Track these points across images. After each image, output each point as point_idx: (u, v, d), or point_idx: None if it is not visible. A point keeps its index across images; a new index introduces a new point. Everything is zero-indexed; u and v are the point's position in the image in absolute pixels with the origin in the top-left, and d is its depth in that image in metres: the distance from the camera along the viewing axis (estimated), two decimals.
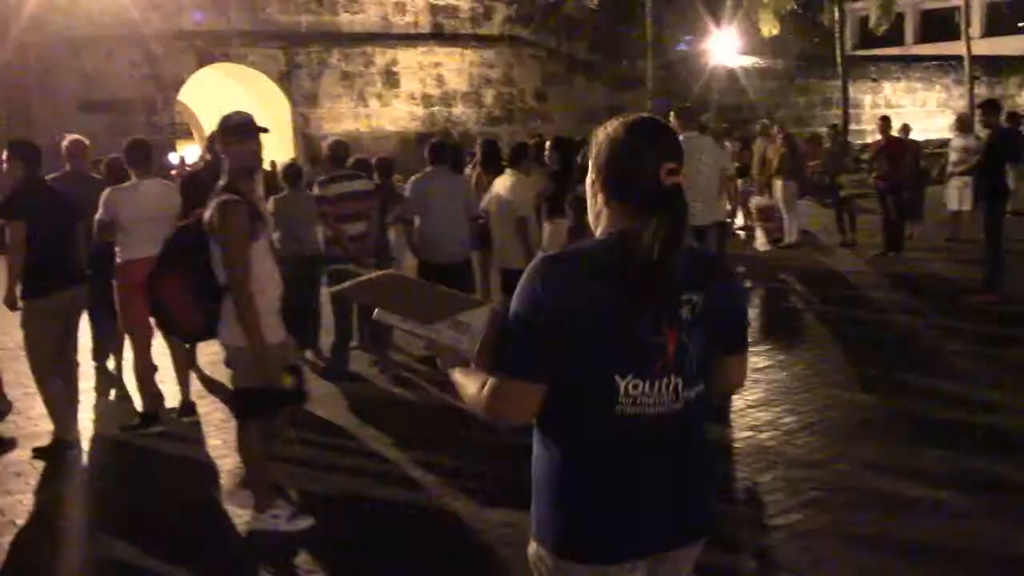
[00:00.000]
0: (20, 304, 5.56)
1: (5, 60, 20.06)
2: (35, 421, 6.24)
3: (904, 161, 11.73)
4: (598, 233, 1.98)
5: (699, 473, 2.02)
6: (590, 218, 2.03)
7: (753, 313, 9.12)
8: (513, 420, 1.91)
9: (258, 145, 4.10)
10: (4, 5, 20.28)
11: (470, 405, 1.97)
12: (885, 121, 12.09)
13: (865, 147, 25.86)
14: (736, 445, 5.44)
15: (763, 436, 5.54)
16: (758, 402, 6.21)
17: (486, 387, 1.89)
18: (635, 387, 1.86)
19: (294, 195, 7.62)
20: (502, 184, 7.08)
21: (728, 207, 11.19)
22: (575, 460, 1.91)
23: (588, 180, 2.00)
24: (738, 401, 6.23)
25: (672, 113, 8.03)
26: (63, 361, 5.81)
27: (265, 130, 4.24)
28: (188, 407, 6.14)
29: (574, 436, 1.91)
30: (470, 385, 1.96)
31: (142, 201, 5.74)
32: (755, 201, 12.54)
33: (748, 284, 10.25)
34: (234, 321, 3.99)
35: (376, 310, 1.99)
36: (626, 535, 1.90)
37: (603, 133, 1.97)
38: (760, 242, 13.77)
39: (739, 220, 14.12)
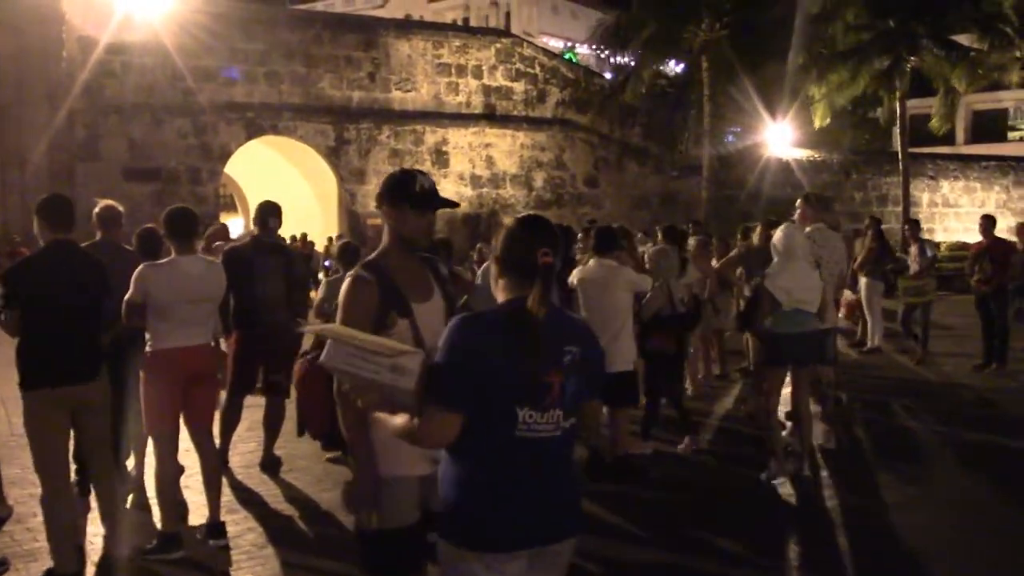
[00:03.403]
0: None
1: (55, 127, 19.80)
2: (36, 534, 5.25)
3: (1011, 263, 10.66)
4: (499, 301, 2.55)
5: (570, 485, 2.59)
6: (492, 287, 2.61)
7: (866, 434, 7.97)
8: (436, 443, 2.47)
9: (434, 221, 3.21)
10: (57, 72, 20.09)
11: (395, 434, 2.53)
12: (988, 220, 11.07)
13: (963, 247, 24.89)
14: None
15: None
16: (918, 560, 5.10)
17: (417, 416, 2.41)
18: (530, 416, 2.43)
19: None
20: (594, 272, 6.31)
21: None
22: (479, 472, 2.45)
23: (491, 258, 2.65)
24: (889, 555, 5.16)
25: (800, 200, 7.17)
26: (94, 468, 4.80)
27: (456, 204, 3.34)
28: (216, 527, 5.13)
29: (479, 453, 2.44)
30: (396, 419, 2.49)
31: (181, 281, 4.85)
32: (846, 296, 11.51)
33: (843, 396, 9.13)
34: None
35: (322, 355, 2.46)
36: (514, 530, 2.44)
37: (505, 226, 2.59)
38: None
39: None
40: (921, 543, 5.29)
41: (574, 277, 6.43)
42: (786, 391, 8.31)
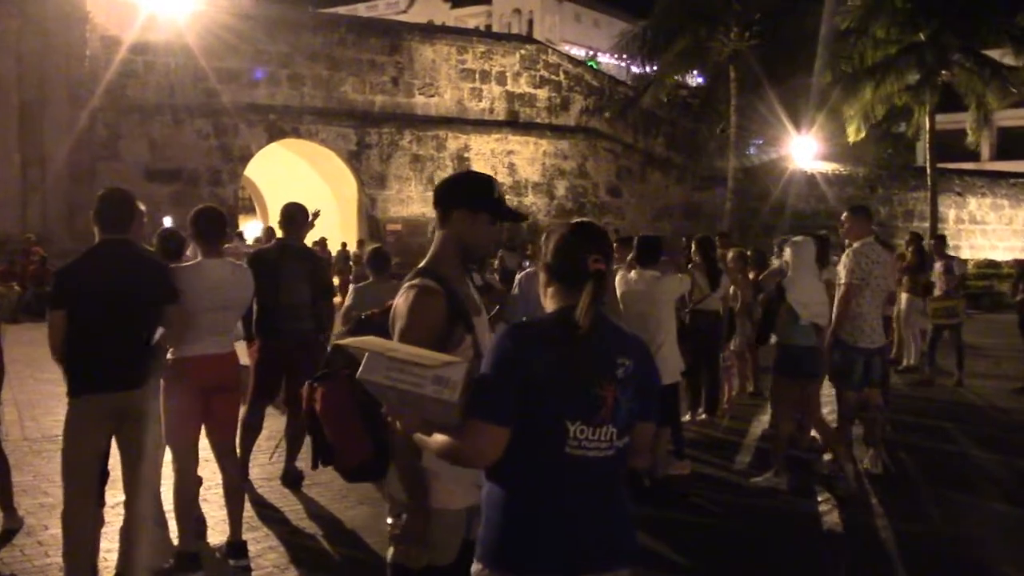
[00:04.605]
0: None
1: (77, 126, 19.68)
2: (47, 548, 5.01)
3: None
4: (548, 309, 2.42)
5: (622, 510, 2.40)
6: (540, 295, 2.47)
7: (910, 459, 7.63)
8: (482, 460, 2.28)
9: (499, 233, 2.92)
10: (80, 71, 19.99)
11: (435, 452, 2.33)
12: None
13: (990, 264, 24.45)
14: None
15: None
16: None
17: (460, 432, 2.23)
18: (581, 432, 2.26)
19: (380, 284, 6.48)
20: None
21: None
22: (526, 492, 2.28)
23: (540, 265, 2.48)
24: None
25: (848, 213, 6.84)
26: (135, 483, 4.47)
27: (525, 218, 3.09)
28: (237, 547, 4.85)
29: (527, 472, 2.27)
30: (436, 438, 2.29)
31: (207, 285, 4.58)
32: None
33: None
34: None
35: (359, 371, 2.25)
36: (564, 555, 2.27)
37: (555, 232, 2.44)
38: None
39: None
40: None
41: (618, 289, 6.15)
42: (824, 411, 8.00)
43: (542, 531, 2.26)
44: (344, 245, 21.96)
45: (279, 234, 6.61)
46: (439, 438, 2.28)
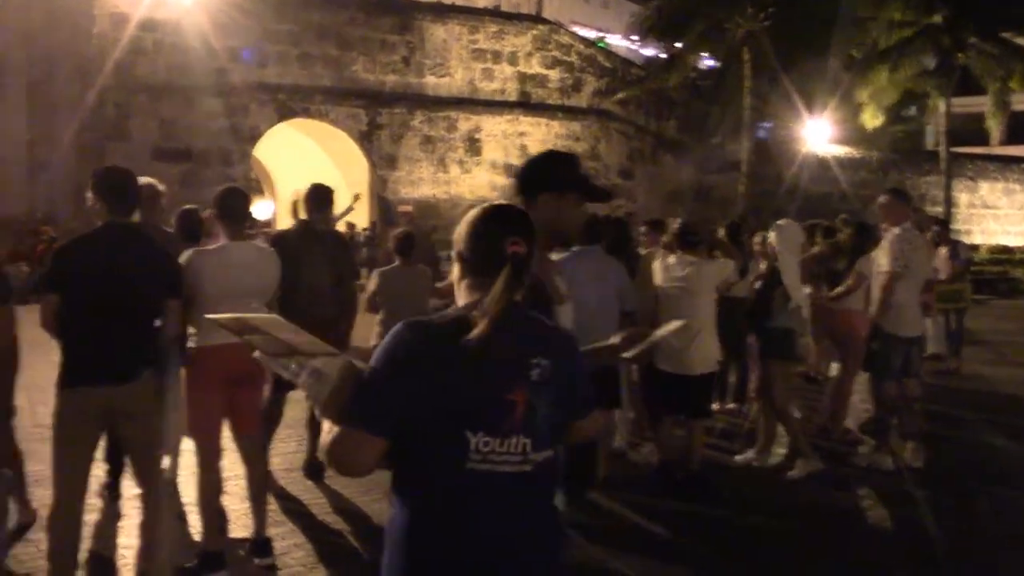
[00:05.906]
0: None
1: (86, 105, 19.41)
2: None
3: None
4: (459, 304, 2.10)
5: (549, 536, 2.07)
6: (456, 291, 2.15)
7: (950, 452, 7.38)
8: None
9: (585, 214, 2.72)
10: (88, 49, 19.70)
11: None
12: None
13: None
14: None
15: None
16: None
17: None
18: (485, 444, 1.95)
19: (405, 269, 6.25)
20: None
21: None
22: (425, 513, 1.97)
23: (454, 256, 2.16)
24: None
25: (887, 196, 6.61)
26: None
27: (612, 196, 2.88)
28: (262, 544, 4.64)
29: (426, 490, 1.98)
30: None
31: (232, 270, 4.35)
32: None
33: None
34: None
35: (257, 351, 2.08)
36: None
37: (465, 218, 2.14)
38: None
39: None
40: None
41: (657, 278, 5.92)
42: (855, 399, 7.78)
43: (445, 559, 1.96)
44: (353, 227, 21.68)
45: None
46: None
